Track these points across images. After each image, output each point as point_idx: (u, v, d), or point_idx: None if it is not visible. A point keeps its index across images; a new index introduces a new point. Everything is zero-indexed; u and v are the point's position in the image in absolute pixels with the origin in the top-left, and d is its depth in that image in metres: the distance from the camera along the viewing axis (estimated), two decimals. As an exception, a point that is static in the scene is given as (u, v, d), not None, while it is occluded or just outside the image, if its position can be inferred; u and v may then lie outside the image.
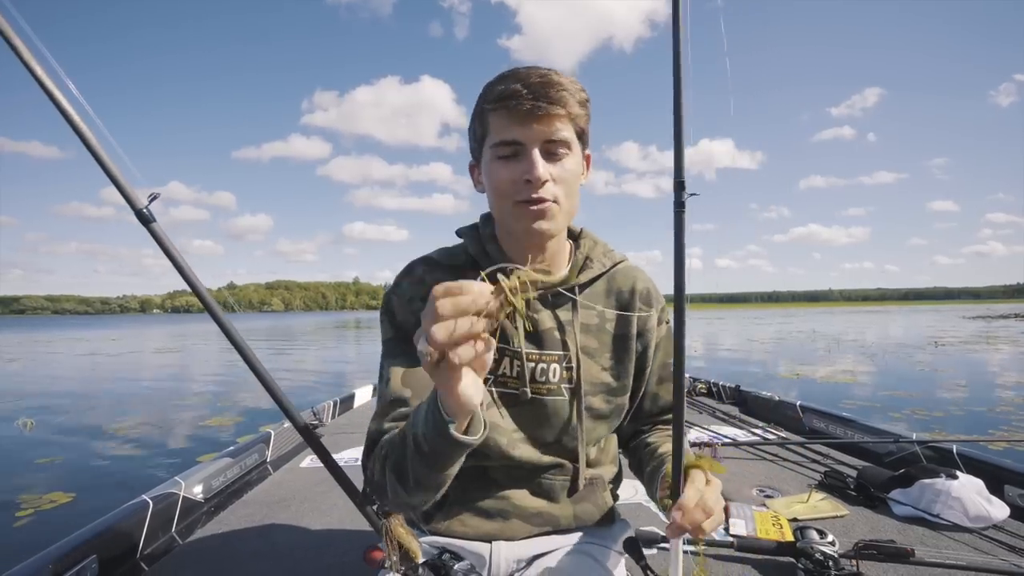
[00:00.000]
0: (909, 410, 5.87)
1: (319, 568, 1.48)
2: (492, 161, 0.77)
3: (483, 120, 0.77)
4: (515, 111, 0.72)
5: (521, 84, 0.72)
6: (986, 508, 1.58)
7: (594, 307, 0.86)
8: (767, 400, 3.27)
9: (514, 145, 0.74)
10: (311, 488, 2.12)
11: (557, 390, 0.82)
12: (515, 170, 0.75)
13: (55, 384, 9.62)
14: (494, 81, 0.77)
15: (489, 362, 0.53)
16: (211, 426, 5.71)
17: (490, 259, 0.84)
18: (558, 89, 0.73)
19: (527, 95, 0.72)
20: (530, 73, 0.74)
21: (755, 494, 1.95)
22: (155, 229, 0.58)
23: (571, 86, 0.75)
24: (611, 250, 0.91)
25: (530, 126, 0.73)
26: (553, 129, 0.74)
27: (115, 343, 22.70)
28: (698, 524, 0.65)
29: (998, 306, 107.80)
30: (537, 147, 0.74)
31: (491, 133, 0.76)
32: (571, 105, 0.74)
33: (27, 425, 5.77)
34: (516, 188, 0.75)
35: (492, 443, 0.80)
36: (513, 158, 0.75)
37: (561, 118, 0.74)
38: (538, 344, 0.82)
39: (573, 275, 0.86)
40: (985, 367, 10.18)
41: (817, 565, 1.33)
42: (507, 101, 0.73)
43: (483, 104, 0.76)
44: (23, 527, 3.02)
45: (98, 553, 1.41)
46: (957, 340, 16.37)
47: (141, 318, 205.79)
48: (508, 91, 0.73)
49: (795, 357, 12.29)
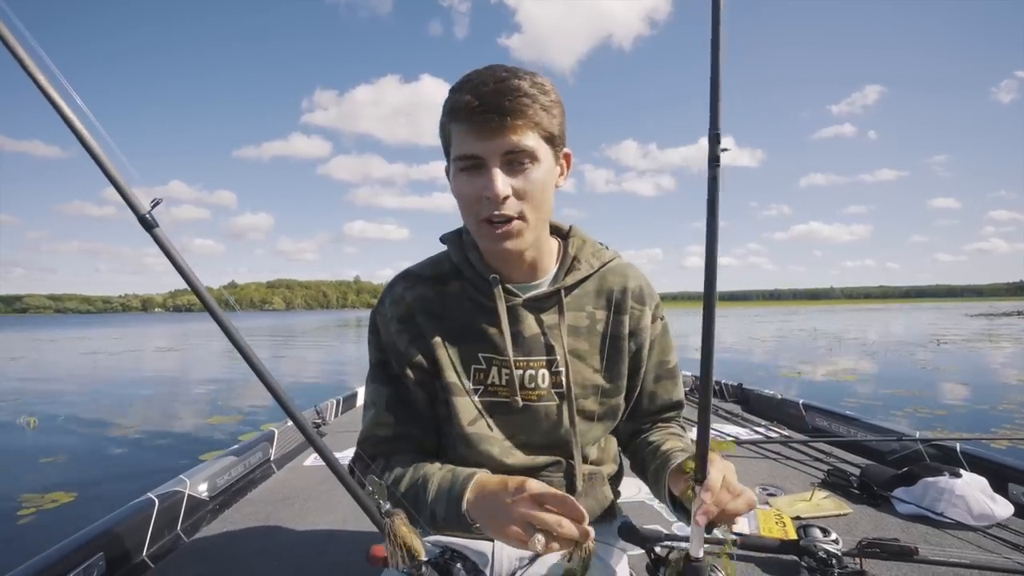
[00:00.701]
0: (911, 408, 5.87)
1: (323, 566, 1.49)
2: (456, 174, 0.74)
3: (446, 131, 0.74)
4: (473, 125, 0.69)
5: (473, 95, 0.68)
6: (990, 506, 1.58)
7: (582, 309, 0.84)
8: (770, 398, 3.27)
9: (474, 159, 0.71)
10: (315, 486, 2.13)
11: (547, 395, 0.82)
12: (475, 184, 0.72)
13: (57, 383, 9.65)
14: (453, 88, 0.73)
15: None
16: (213, 424, 5.73)
17: (472, 267, 0.83)
18: (515, 96, 0.68)
19: (478, 108, 0.67)
20: (486, 79, 0.69)
21: (758, 492, 1.95)
22: (158, 234, 0.58)
23: (532, 89, 0.70)
24: (601, 248, 0.89)
25: (487, 140, 0.69)
26: (513, 141, 0.69)
27: (117, 342, 22.76)
28: (725, 505, 0.62)
29: (1001, 303, 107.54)
30: (497, 161, 0.70)
31: (453, 146, 0.73)
32: (532, 112, 0.69)
33: (30, 423, 5.80)
34: (479, 204, 0.73)
35: (485, 454, 0.80)
36: (475, 170, 0.72)
37: (521, 127, 0.69)
38: (525, 351, 0.81)
39: (560, 276, 0.84)
40: (988, 365, 10.17)
41: (820, 563, 1.33)
42: (464, 115, 0.69)
43: (447, 114, 0.73)
44: (25, 526, 3.04)
45: (105, 551, 1.42)
46: (959, 338, 16.35)
47: (143, 317, 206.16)
48: (461, 103, 0.69)
49: (796, 355, 12.29)
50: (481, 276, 0.82)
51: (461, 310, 0.83)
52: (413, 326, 0.82)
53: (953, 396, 6.71)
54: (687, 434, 0.91)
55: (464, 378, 0.82)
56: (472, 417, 0.80)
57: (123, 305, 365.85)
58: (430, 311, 0.83)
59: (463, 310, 0.83)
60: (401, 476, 0.77)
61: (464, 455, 0.81)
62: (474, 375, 0.82)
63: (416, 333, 0.82)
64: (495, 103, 0.68)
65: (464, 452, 0.81)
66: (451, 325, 0.82)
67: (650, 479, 0.83)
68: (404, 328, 0.83)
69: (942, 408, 5.89)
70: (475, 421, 0.81)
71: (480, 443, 0.80)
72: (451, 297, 0.84)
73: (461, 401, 0.81)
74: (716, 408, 3.32)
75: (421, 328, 0.82)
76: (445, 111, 0.73)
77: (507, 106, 0.68)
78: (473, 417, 0.81)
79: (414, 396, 0.83)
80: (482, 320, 0.82)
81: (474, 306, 0.83)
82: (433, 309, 0.83)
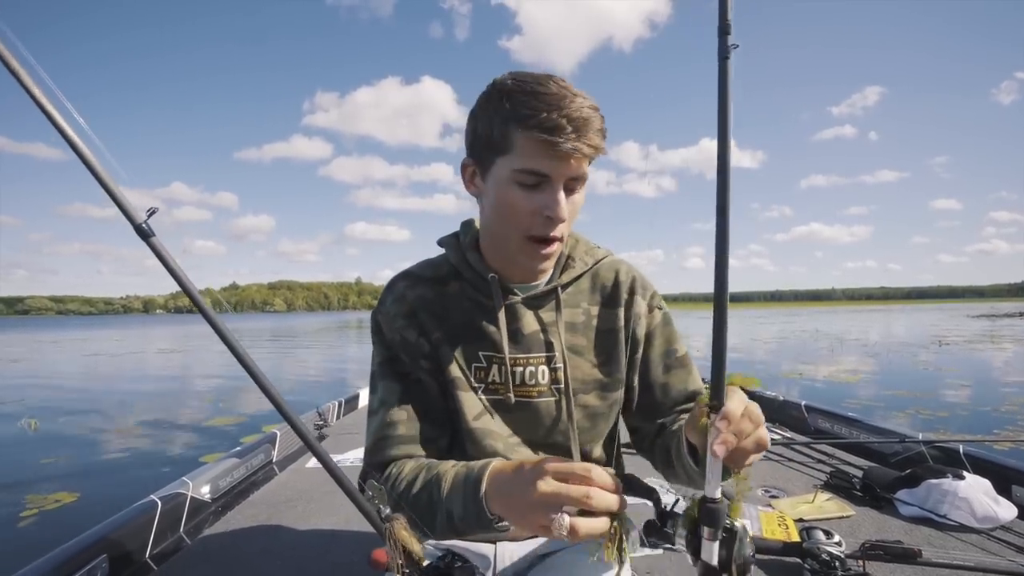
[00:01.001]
0: (913, 410, 5.86)
1: (326, 567, 1.49)
2: (509, 184, 0.72)
3: (506, 133, 0.70)
4: (553, 145, 0.67)
5: (565, 119, 0.67)
6: (993, 509, 1.58)
7: (578, 306, 0.86)
8: (772, 400, 3.26)
9: (540, 176, 0.70)
10: (317, 488, 2.13)
11: (546, 392, 0.82)
12: (535, 201, 0.71)
13: (59, 384, 9.67)
14: (524, 95, 0.69)
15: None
16: (214, 426, 5.73)
17: (471, 268, 0.84)
18: (593, 127, 0.69)
19: (571, 133, 0.67)
20: (570, 104, 0.68)
21: (760, 494, 1.95)
22: (154, 243, 0.58)
23: (601, 121, 0.71)
24: (594, 247, 0.91)
25: (564, 163, 0.69)
26: (580, 167, 0.71)
27: (119, 343, 22.79)
28: (746, 435, 0.57)
29: (1003, 304, 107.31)
30: (562, 183, 0.71)
31: (514, 154, 0.71)
32: (600, 144, 0.71)
33: (31, 425, 5.81)
34: (532, 221, 0.73)
35: (489, 450, 0.80)
36: (534, 188, 0.71)
37: (588, 157, 0.71)
38: (523, 348, 0.82)
39: (556, 275, 0.86)
40: (990, 366, 10.14)
41: (824, 566, 1.33)
42: (548, 134, 0.67)
43: (510, 119, 0.69)
44: (28, 527, 3.04)
45: (108, 552, 1.42)
46: (961, 339, 16.31)
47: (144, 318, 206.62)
48: (551, 123, 0.67)
49: (798, 356, 12.27)
50: (480, 276, 0.83)
51: (461, 310, 0.84)
52: (418, 321, 0.83)
53: (955, 397, 6.69)
54: None
55: (465, 374, 0.83)
56: (477, 412, 0.81)
57: (125, 307, 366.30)
58: (431, 311, 0.84)
59: (463, 310, 0.84)
60: (414, 478, 0.74)
61: (470, 452, 0.82)
62: (475, 373, 0.83)
63: (422, 328, 0.83)
64: (585, 132, 0.68)
65: (470, 449, 0.82)
66: (452, 325, 0.83)
67: (674, 457, 0.77)
68: (410, 323, 0.83)
69: (944, 409, 5.88)
70: (480, 416, 0.81)
71: (484, 438, 0.81)
72: (451, 298, 0.85)
73: (466, 396, 0.81)
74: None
75: (424, 326, 0.83)
76: (509, 112, 0.69)
77: (592, 138, 0.69)
78: (478, 412, 0.81)
79: (428, 388, 0.82)
80: (481, 319, 0.83)
81: (473, 306, 0.84)
82: (434, 309, 0.84)
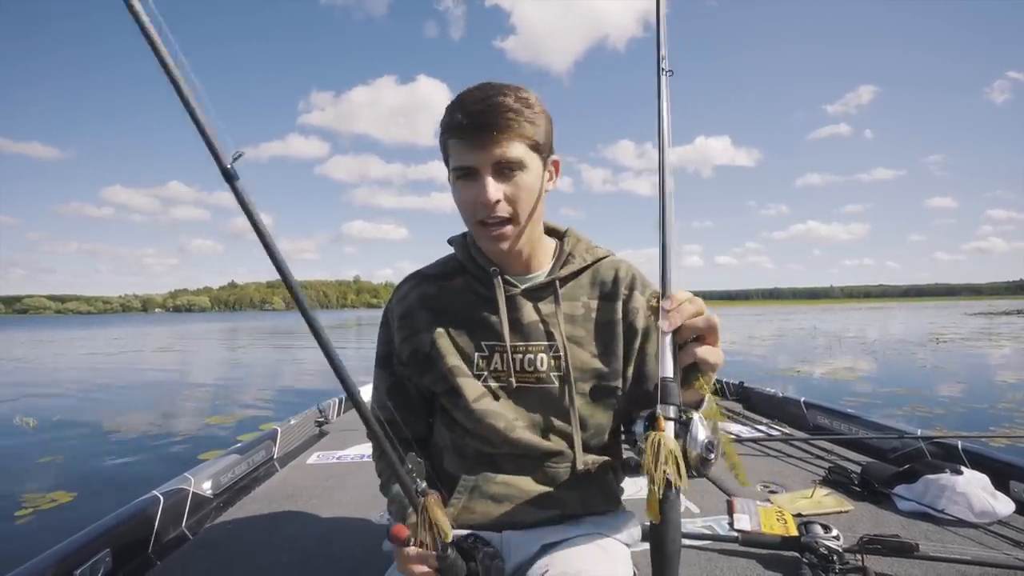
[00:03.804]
0: (910, 407, 5.88)
1: (328, 562, 1.50)
2: (454, 182, 0.84)
3: (444, 145, 0.84)
4: (465, 139, 0.78)
5: (463, 114, 0.78)
6: (991, 503, 1.59)
7: (578, 298, 0.91)
8: (771, 396, 3.27)
9: (468, 169, 0.81)
10: (318, 484, 2.14)
11: (547, 378, 0.86)
12: (471, 191, 0.81)
13: (57, 383, 9.65)
14: (448, 107, 0.82)
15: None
16: (212, 424, 5.74)
17: (475, 263, 0.91)
18: (500, 113, 0.77)
19: (468, 125, 0.77)
20: (476, 98, 0.79)
21: (759, 490, 1.96)
22: (238, 187, 0.60)
23: (516, 104, 0.79)
24: (595, 247, 0.96)
25: (478, 152, 0.79)
26: (501, 152, 0.78)
27: (117, 342, 22.76)
28: (690, 313, 0.65)
29: (1000, 302, 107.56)
30: (488, 170, 0.80)
31: (450, 158, 0.83)
32: (517, 125, 0.78)
33: (29, 424, 5.80)
34: (474, 208, 0.82)
35: (491, 428, 0.85)
36: (470, 179, 0.81)
37: (508, 139, 0.78)
38: (524, 336, 0.88)
39: (556, 270, 0.92)
40: (987, 364, 10.18)
41: (822, 559, 1.34)
42: (457, 131, 0.79)
43: (443, 130, 0.83)
44: (24, 526, 3.04)
45: (111, 547, 1.43)
46: (958, 337, 16.37)
47: (143, 317, 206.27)
48: (454, 122, 0.79)
49: (796, 354, 12.30)
50: (483, 270, 0.90)
51: (464, 303, 0.91)
52: (410, 322, 0.91)
53: (952, 395, 6.72)
54: None
55: (468, 363, 0.88)
56: (479, 394, 0.86)
57: (123, 305, 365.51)
58: (432, 307, 0.91)
59: (466, 303, 0.91)
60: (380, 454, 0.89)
61: (472, 430, 0.86)
62: (478, 362, 0.88)
63: (413, 329, 0.91)
64: (483, 120, 0.77)
65: (472, 427, 0.86)
66: (455, 317, 0.90)
67: None
68: (403, 324, 0.92)
69: (941, 407, 5.91)
70: (481, 397, 0.86)
71: (486, 417, 0.85)
72: (455, 291, 0.92)
73: (466, 380, 0.87)
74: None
75: (419, 324, 0.91)
76: (442, 128, 0.83)
77: (494, 122, 0.77)
78: (480, 394, 0.86)
79: (408, 388, 0.94)
80: (484, 310, 0.89)
81: (476, 298, 0.90)
82: (436, 304, 0.91)
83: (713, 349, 0.67)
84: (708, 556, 1.45)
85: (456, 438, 0.90)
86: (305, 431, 2.93)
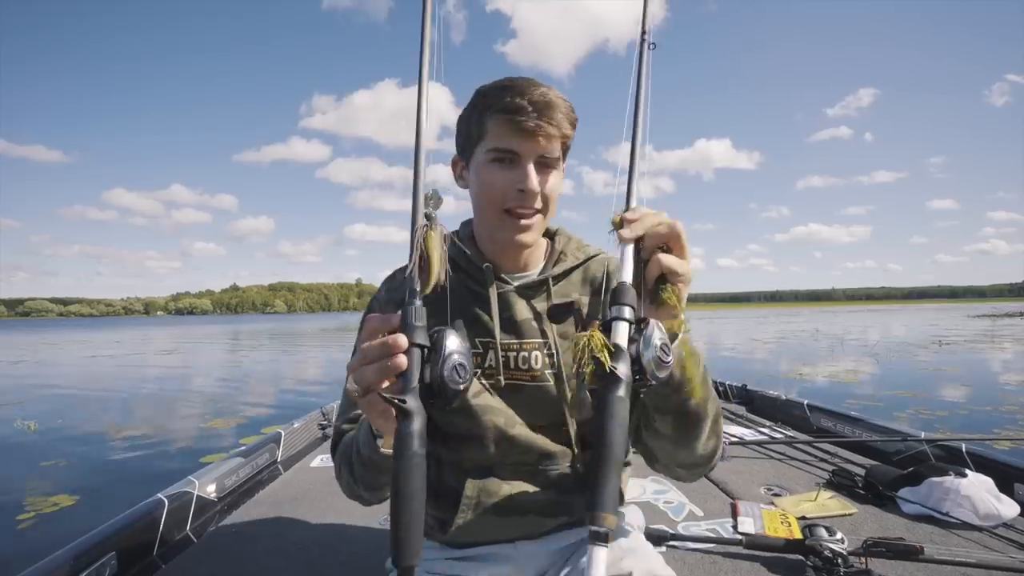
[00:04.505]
0: (913, 409, 5.86)
1: (333, 566, 1.50)
2: (485, 164, 0.82)
3: (481, 123, 0.81)
4: (518, 124, 0.78)
5: (527, 101, 0.77)
6: (996, 506, 1.59)
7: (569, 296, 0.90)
8: (774, 399, 3.27)
9: (510, 154, 0.80)
10: (322, 487, 2.14)
11: (541, 376, 0.86)
12: (508, 177, 0.80)
13: (58, 386, 9.67)
14: (496, 89, 0.81)
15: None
16: (213, 428, 5.74)
17: (468, 259, 0.90)
18: (558, 108, 0.79)
19: (531, 112, 0.77)
20: (533, 90, 0.79)
21: (763, 492, 1.96)
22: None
23: (566, 107, 0.81)
24: (585, 245, 0.97)
25: (529, 141, 0.79)
26: (548, 147, 0.80)
27: (119, 345, 22.80)
28: (653, 225, 0.64)
29: (1003, 304, 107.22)
30: (531, 159, 0.80)
31: (488, 138, 0.81)
32: (565, 127, 0.80)
33: (30, 427, 5.81)
34: (506, 195, 0.81)
35: (489, 424, 0.83)
36: (507, 165, 0.80)
37: (555, 138, 0.80)
38: (517, 334, 0.87)
39: (548, 268, 0.92)
40: (990, 366, 10.15)
41: (826, 562, 1.34)
42: (512, 114, 0.78)
43: (484, 109, 0.81)
44: (27, 530, 3.04)
45: (117, 550, 1.43)
46: (961, 339, 16.32)
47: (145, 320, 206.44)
48: (514, 105, 0.78)
49: (798, 357, 12.28)
50: (476, 266, 0.89)
51: (458, 299, 0.88)
52: None
53: (955, 397, 6.70)
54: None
55: None
56: (475, 390, 0.84)
57: (125, 308, 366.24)
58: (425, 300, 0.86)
59: (460, 299, 0.89)
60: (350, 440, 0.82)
61: (468, 427, 0.84)
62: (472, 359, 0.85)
63: None
64: (544, 112, 0.78)
65: (468, 424, 0.84)
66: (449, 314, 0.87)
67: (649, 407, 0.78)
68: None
69: (944, 409, 5.88)
70: (479, 393, 0.84)
71: (484, 414, 0.83)
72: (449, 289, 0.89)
73: None
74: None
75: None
76: (484, 104, 0.81)
77: (552, 116, 0.78)
78: (477, 390, 0.84)
79: None
80: (476, 306, 0.88)
81: (469, 295, 0.89)
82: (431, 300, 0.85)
83: (679, 260, 0.63)
84: (712, 559, 1.45)
85: (450, 454, 0.87)
86: (308, 434, 2.93)
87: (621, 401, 0.58)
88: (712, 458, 0.81)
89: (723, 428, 0.81)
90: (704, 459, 0.80)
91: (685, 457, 0.79)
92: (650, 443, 0.81)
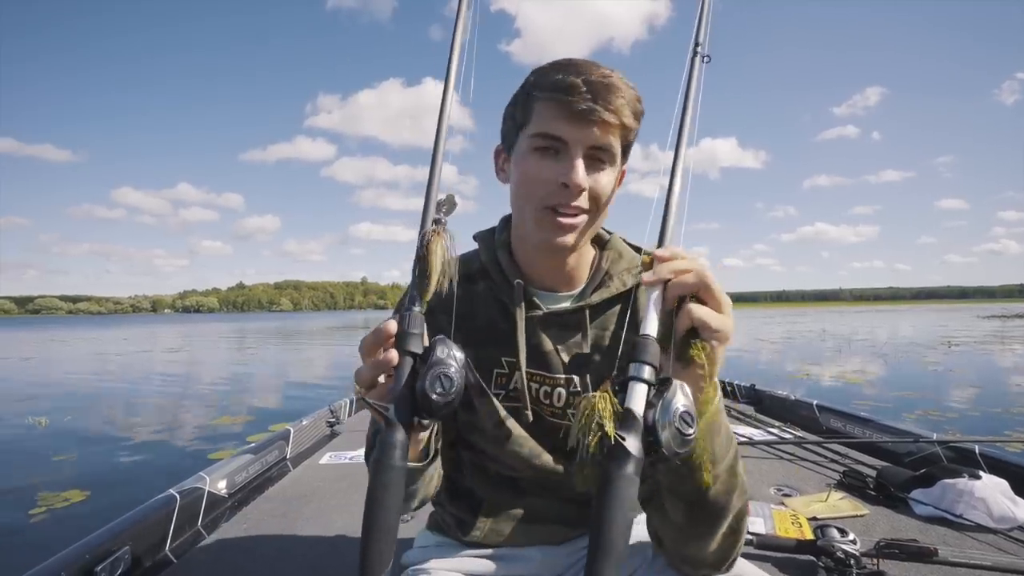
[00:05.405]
0: (922, 411, 5.81)
1: (342, 562, 1.51)
2: (527, 152, 0.70)
3: (527, 106, 0.71)
4: (567, 106, 0.66)
5: (582, 80, 0.66)
6: (1011, 509, 1.58)
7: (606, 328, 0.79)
8: (783, 399, 3.26)
9: (556, 141, 0.68)
10: (331, 484, 2.15)
11: (561, 415, 0.78)
12: (552, 169, 0.69)
13: (68, 383, 9.76)
14: (548, 68, 0.70)
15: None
16: (222, 424, 5.77)
17: (500, 269, 0.80)
18: (618, 95, 0.67)
19: (585, 93, 0.65)
20: (592, 69, 0.67)
21: (773, 493, 1.95)
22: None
23: (630, 95, 0.68)
24: (637, 267, 0.81)
25: (579, 126, 0.67)
26: (602, 137, 0.68)
27: (126, 342, 22.99)
28: (678, 271, 0.54)
29: (1014, 305, 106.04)
30: (581, 151, 0.68)
31: (533, 122, 0.70)
32: (626, 116, 0.68)
33: (40, 423, 5.87)
34: (548, 190, 0.69)
35: (512, 453, 0.78)
36: (552, 154, 0.69)
37: (613, 127, 0.68)
38: (543, 365, 0.78)
39: (588, 292, 0.80)
40: (1000, 368, 10.04)
41: (838, 563, 1.33)
42: (561, 94, 0.66)
43: (532, 90, 0.70)
44: (39, 524, 3.07)
45: (130, 544, 1.45)
46: (971, 340, 16.15)
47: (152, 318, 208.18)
48: (565, 83, 0.66)
49: (805, 357, 12.20)
50: (507, 280, 0.79)
51: (487, 311, 0.81)
52: (435, 320, 0.77)
53: (965, 399, 6.63)
54: None
55: (487, 378, 0.79)
56: (498, 418, 0.78)
57: (134, 306, 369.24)
58: (457, 308, 0.78)
59: (488, 311, 0.81)
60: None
61: (494, 453, 0.81)
62: (496, 379, 0.79)
63: (437, 328, 0.80)
64: (601, 94, 0.66)
65: (494, 450, 0.80)
66: (476, 325, 0.80)
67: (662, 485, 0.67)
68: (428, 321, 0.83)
69: (953, 411, 5.83)
70: (504, 421, 0.78)
71: (508, 443, 0.78)
72: (478, 297, 0.82)
73: (485, 400, 0.78)
74: (729, 408, 3.31)
75: (437, 328, 0.80)
76: (539, 85, 0.69)
77: (611, 100, 0.66)
78: (500, 417, 0.78)
79: None
80: (505, 324, 0.79)
81: (499, 308, 0.81)
82: (460, 307, 0.78)
83: (713, 313, 0.53)
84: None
85: (475, 458, 0.83)
86: (317, 431, 2.94)
87: (628, 481, 0.49)
88: (725, 561, 0.68)
89: (747, 524, 0.69)
90: (716, 560, 0.67)
91: (694, 552, 0.67)
92: (656, 524, 0.70)
